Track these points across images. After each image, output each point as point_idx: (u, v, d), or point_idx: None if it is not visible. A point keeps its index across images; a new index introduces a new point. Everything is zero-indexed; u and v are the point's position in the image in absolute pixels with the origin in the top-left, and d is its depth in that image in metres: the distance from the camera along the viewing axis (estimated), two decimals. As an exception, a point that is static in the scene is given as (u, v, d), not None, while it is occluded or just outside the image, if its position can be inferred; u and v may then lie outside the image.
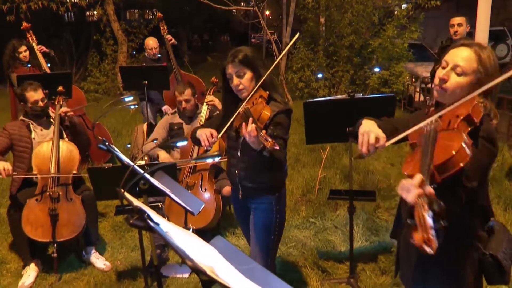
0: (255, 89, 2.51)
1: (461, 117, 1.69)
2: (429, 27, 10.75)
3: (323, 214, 4.65)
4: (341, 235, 4.25)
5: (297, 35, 2.98)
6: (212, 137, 2.51)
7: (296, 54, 11.44)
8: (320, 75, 10.78)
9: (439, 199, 1.52)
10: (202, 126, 2.80)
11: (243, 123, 2.29)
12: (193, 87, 4.38)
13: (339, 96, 3.62)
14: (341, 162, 6.11)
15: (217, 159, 2.15)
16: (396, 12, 10.76)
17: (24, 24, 5.95)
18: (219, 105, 4.22)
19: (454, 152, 1.59)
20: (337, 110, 3.28)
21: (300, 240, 4.19)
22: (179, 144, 2.34)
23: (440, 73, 1.81)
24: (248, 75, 2.53)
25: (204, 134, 2.53)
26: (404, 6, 11.20)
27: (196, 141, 2.70)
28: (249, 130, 2.20)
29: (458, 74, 1.79)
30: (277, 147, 2.12)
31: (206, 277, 1.19)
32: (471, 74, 1.78)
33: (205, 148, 2.53)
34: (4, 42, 5.88)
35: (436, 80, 1.83)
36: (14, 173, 3.70)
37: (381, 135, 1.85)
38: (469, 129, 1.68)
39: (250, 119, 2.24)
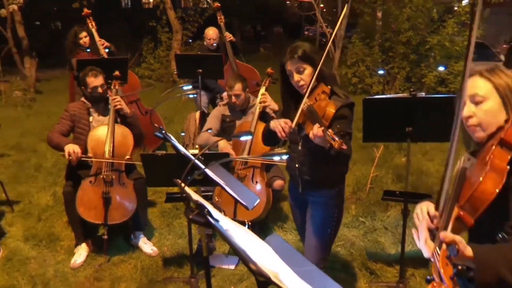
0: (311, 82, 2.45)
1: (494, 145, 1.52)
2: (490, 24, 10.26)
3: (373, 214, 4.53)
4: (391, 237, 4.13)
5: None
6: (288, 126, 2.42)
7: (351, 49, 11.24)
8: (381, 72, 10.54)
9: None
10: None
11: (308, 122, 2.24)
12: (245, 81, 4.26)
13: (400, 94, 3.50)
14: (393, 161, 5.95)
15: (284, 157, 2.10)
16: (457, 8, 10.36)
17: (85, 10, 6.08)
18: (270, 102, 4.15)
19: (489, 196, 1.43)
20: (397, 108, 3.16)
21: (349, 239, 4.10)
22: (243, 138, 2.31)
23: (463, 114, 1.63)
24: (308, 70, 2.50)
25: (279, 125, 2.44)
26: (465, 1, 10.76)
27: (270, 139, 2.64)
28: (316, 133, 2.17)
29: (479, 102, 1.61)
30: (345, 147, 2.07)
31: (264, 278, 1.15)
32: (492, 93, 1.61)
33: (283, 139, 2.46)
34: (70, 27, 6.07)
35: (465, 122, 1.65)
36: (83, 155, 3.78)
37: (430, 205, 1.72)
38: (510, 156, 1.49)
39: (316, 124, 2.19)
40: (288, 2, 24.44)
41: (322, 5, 15.78)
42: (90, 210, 3.73)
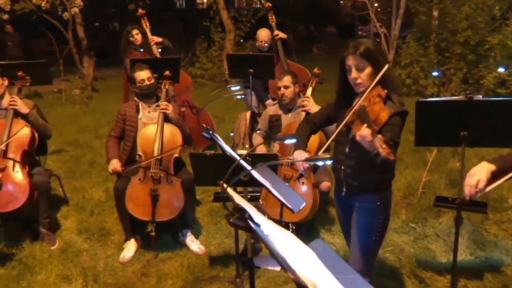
0: (372, 85, 2.39)
1: None
2: None
3: (424, 220, 4.39)
4: (442, 244, 3.98)
5: None
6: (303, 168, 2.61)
7: (405, 49, 10.93)
8: (436, 73, 10.18)
9: None
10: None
11: (357, 121, 2.19)
12: (295, 76, 4.31)
13: (455, 97, 3.37)
14: (447, 166, 5.74)
15: (328, 162, 2.06)
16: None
17: (140, 10, 6.24)
18: (312, 106, 4.08)
19: None
20: (452, 111, 3.04)
21: (398, 245, 3.99)
22: (287, 141, 2.29)
23: None
24: (368, 69, 2.42)
25: (299, 157, 2.57)
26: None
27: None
28: (364, 134, 2.10)
29: None
30: (392, 157, 2.00)
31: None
32: None
33: (300, 172, 2.69)
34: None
35: None
36: (123, 168, 3.99)
37: (483, 179, 1.85)
38: None
39: (365, 125, 2.12)
40: (341, 2, 24.12)
41: (376, 5, 15.48)
42: (139, 207, 3.82)
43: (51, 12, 11.67)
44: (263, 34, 6.28)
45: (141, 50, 6.12)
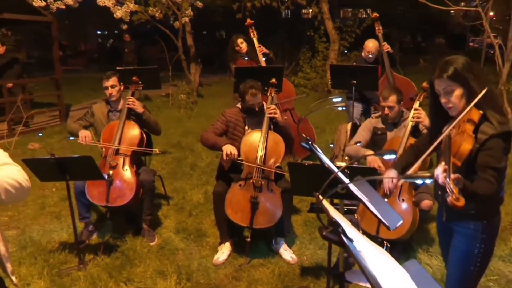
0: (464, 112, 2.21)
1: None
2: None
3: (537, 250, 4.02)
4: (559, 279, 3.61)
5: None
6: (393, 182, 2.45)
7: (524, 62, 10.11)
8: None
9: None
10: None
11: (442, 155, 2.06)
12: (400, 94, 4.13)
13: None
14: None
15: (428, 181, 1.94)
16: None
17: (248, 20, 6.40)
18: (425, 118, 3.91)
19: None
20: None
21: (504, 274, 3.68)
22: (387, 157, 2.21)
23: None
24: (458, 92, 2.25)
25: (388, 175, 2.49)
26: None
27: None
28: (435, 174, 2.00)
29: None
30: (460, 204, 1.86)
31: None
32: None
33: (387, 193, 2.68)
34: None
35: None
36: (238, 158, 3.97)
37: None
38: None
39: (442, 164, 1.99)
40: (452, 12, 23.07)
41: (491, 13, 14.54)
42: (237, 213, 3.89)
43: (164, 21, 12.40)
44: (371, 45, 6.15)
45: (246, 58, 6.27)
